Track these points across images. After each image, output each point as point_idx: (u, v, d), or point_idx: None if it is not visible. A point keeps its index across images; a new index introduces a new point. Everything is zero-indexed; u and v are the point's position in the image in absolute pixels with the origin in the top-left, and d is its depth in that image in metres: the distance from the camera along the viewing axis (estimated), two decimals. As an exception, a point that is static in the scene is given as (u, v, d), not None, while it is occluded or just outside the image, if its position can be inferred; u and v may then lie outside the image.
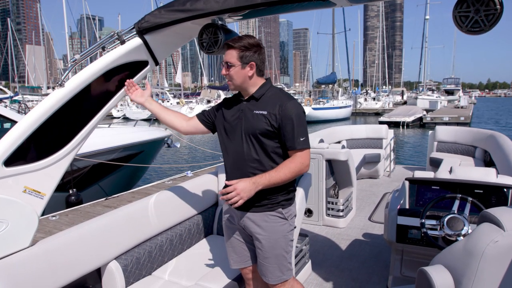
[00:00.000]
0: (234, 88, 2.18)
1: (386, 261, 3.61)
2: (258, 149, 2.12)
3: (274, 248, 2.18)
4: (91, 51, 2.27)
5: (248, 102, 2.18)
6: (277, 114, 2.07)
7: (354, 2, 2.09)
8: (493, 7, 1.63)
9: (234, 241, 2.35)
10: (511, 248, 1.32)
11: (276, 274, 2.20)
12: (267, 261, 2.20)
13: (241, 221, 2.25)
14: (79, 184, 7.15)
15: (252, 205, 2.16)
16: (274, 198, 2.17)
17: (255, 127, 2.10)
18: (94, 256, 2.36)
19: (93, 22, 59.04)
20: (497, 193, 2.55)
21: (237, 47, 2.07)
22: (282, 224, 2.20)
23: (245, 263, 2.36)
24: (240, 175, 2.14)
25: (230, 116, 2.22)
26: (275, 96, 2.14)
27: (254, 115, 2.12)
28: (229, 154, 2.22)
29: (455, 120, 26.26)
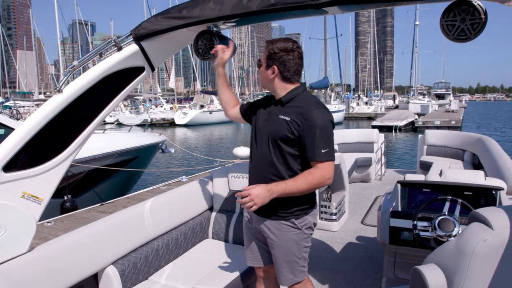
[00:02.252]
0: (263, 87, 2.24)
1: (380, 263, 3.67)
2: (277, 155, 2.12)
3: (286, 254, 2.21)
4: (89, 57, 2.31)
5: (276, 106, 2.20)
6: (299, 122, 2.04)
7: (346, 10, 2.15)
8: (478, 17, 1.70)
9: (251, 240, 2.42)
10: (500, 246, 1.37)
11: (289, 277, 2.25)
12: (280, 266, 2.25)
13: (257, 224, 2.30)
14: (74, 190, 7.13)
15: (266, 212, 2.18)
16: (287, 208, 2.16)
17: (277, 132, 2.10)
18: (91, 261, 2.38)
19: (85, 27, 58.81)
20: (485, 195, 2.61)
21: (268, 48, 2.12)
22: (295, 233, 2.19)
23: (258, 262, 2.42)
24: (258, 179, 2.15)
25: (260, 117, 2.26)
26: (302, 103, 2.10)
27: (278, 119, 2.12)
28: (252, 156, 2.27)
29: (446, 124, 26.51)
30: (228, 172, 3.41)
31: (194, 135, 29.78)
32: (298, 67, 2.15)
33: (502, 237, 1.37)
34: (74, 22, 60.36)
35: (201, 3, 2.17)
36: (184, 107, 41.40)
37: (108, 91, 2.35)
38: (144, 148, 8.79)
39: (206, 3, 2.16)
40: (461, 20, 1.74)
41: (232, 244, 3.24)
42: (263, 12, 2.03)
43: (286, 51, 2.08)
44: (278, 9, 1.99)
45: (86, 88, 2.22)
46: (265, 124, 2.19)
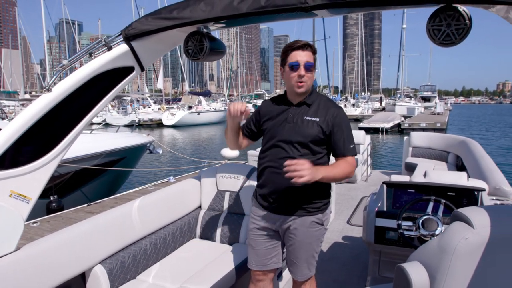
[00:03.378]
0: (305, 90, 2.18)
1: (365, 262, 3.72)
2: (304, 155, 2.15)
3: (307, 250, 2.29)
4: (78, 56, 2.31)
5: (299, 107, 2.21)
6: (329, 121, 2.16)
7: (335, 14, 2.19)
8: (463, 22, 1.75)
9: (260, 244, 2.35)
10: (481, 245, 1.42)
11: (305, 273, 2.34)
12: (298, 261, 2.31)
13: (277, 225, 2.29)
14: (61, 190, 7.06)
15: (295, 209, 2.23)
16: (315, 203, 2.24)
17: (306, 133, 2.15)
18: (78, 261, 2.37)
19: (72, 26, 58.09)
20: (468, 195, 2.69)
21: (314, 50, 2.17)
22: (318, 229, 2.29)
23: (266, 266, 2.37)
24: (285, 180, 2.11)
25: (276, 119, 2.24)
26: (325, 104, 2.22)
27: (305, 121, 2.16)
28: (274, 157, 2.22)
29: (432, 126, 26.89)
30: (216, 172, 3.43)
31: (182, 136, 29.66)
32: None
33: (482, 236, 1.41)
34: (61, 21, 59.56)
35: (191, 5, 2.19)
36: (172, 108, 41.17)
37: (97, 91, 2.35)
38: (132, 148, 8.75)
39: (196, 5, 2.17)
40: (446, 25, 1.79)
41: (220, 243, 3.26)
42: (253, 14, 2.06)
43: None
44: (268, 11, 2.01)
45: (75, 87, 2.22)
46: (289, 126, 2.20)
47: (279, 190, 2.22)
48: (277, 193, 2.24)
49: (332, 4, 1.87)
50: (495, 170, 3.95)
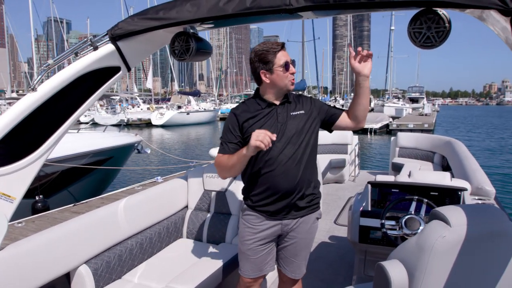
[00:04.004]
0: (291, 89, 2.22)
1: (351, 262, 3.76)
2: (307, 149, 2.20)
3: (307, 246, 2.37)
4: (64, 56, 2.30)
5: (282, 105, 2.23)
6: (312, 107, 2.27)
7: (320, 15, 2.22)
8: (442, 25, 1.80)
9: (258, 253, 2.27)
10: (458, 242, 1.46)
11: (302, 269, 2.40)
12: (298, 259, 2.35)
13: (285, 229, 2.26)
14: (47, 190, 6.99)
15: (302, 209, 2.25)
16: (315, 199, 2.32)
17: (300, 127, 2.19)
18: (63, 261, 2.37)
19: (61, 25, 57.40)
20: (450, 195, 2.74)
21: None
22: (316, 224, 2.39)
23: (262, 272, 2.33)
24: (294, 179, 2.14)
25: (262, 122, 2.18)
26: (298, 97, 2.32)
27: (293, 116, 2.21)
28: (270, 160, 2.14)
29: (420, 127, 27.19)
30: (203, 172, 3.44)
31: (171, 135, 29.52)
32: None
33: (459, 234, 1.45)
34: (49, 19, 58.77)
35: (178, 5, 2.19)
36: (161, 107, 40.96)
37: (83, 90, 2.34)
38: (119, 148, 8.69)
39: (183, 5, 2.18)
40: (427, 28, 1.83)
41: (206, 243, 3.27)
42: (239, 15, 2.07)
43: None
44: (254, 12, 2.03)
45: (60, 87, 2.21)
46: (279, 125, 2.17)
47: (286, 194, 2.16)
48: (283, 198, 2.17)
49: (316, 6, 1.89)
50: (478, 170, 4.02)
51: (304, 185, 2.20)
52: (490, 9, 1.54)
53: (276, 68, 2.15)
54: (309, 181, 2.23)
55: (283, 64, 2.13)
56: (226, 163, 2.16)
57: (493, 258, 1.52)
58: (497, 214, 1.55)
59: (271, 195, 2.18)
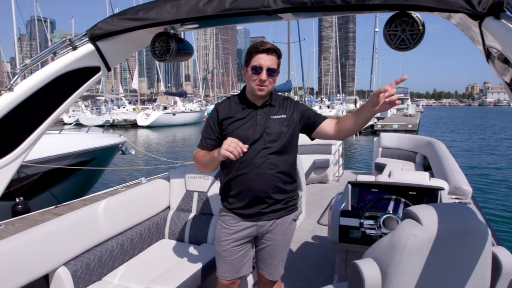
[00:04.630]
0: (265, 94, 2.17)
1: (333, 262, 3.80)
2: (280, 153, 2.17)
3: (284, 248, 2.37)
4: (42, 56, 2.27)
5: (263, 108, 2.22)
6: (295, 112, 2.25)
7: (300, 17, 2.25)
8: (416, 28, 1.85)
9: (234, 254, 2.27)
10: (429, 241, 1.50)
11: (280, 271, 2.40)
12: (275, 260, 2.35)
13: (260, 230, 2.26)
14: (28, 192, 6.88)
15: (277, 211, 2.26)
16: (292, 201, 2.32)
17: (279, 132, 2.18)
18: (41, 262, 2.34)
19: (44, 24, 56.48)
20: (428, 195, 2.79)
21: (278, 53, 2.17)
22: (294, 226, 2.40)
23: (239, 273, 2.32)
24: (262, 181, 2.15)
25: (240, 123, 2.18)
26: (283, 100, 2.30)
27: (273, 120, 2.20)
28: (246, 161, 2.14)
29: (404, 127, 27.54)
30: (185, 173, 3.44)
31: (157, 136, 29.32)
32: None
33: (430, 232, 1.49)
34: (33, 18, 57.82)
35: (157, 6, 2.19)
36: (147, 108, 40.65)
37: (62, 91, 2.32)
38: (103, 149, 8.61)
39: (162, 6, 2.18)
40: (401, 31, 1.88)
41: (188, 243, 3.27)
42: (219, 16, 2.08)
43: None
44: (233, 14, 2.05)
45: (38, 87, 2.18)
46: (258, 128, 2.17)
47: (261, 196, 2.17)
48: (258, 200, 2.18)
49: (293, 8, 1.92)
50: (457, 170, 4.10)
51: (279, 188, 2.20)
52: (459, 12, 1.58)
53: (249, 68, 2.16)
54: (285, 184, 2.22)
55: (253, 66, 2.12)
56: (201, 159, 2.20)
57: (464, 255, 1.56)
58: (467, 212, 1.59)
59: (246, 197, 2.19)
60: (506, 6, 1.43)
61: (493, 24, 1.46)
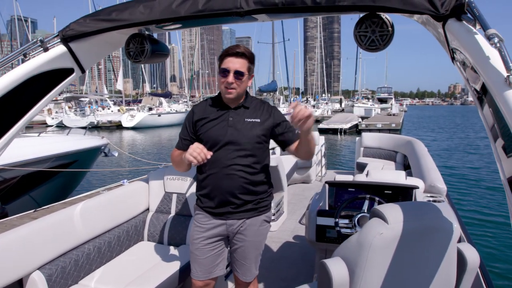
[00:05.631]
0: (233, 97, 2.18)
1: (313, 261, 3.83)
2: (249, 156, 2.19)
3: (256, 249, 2.36)
4: (11, 57, 2.23)
5: (236, 110, 2.24)
6: (271, 119, 2.25)
7: (274, 18, 2.26)
8: (386, 29, 1.88)
9: (206, 253, 2.29)
10: (394, 239, 1.53)
11: (253, 272, 2.39)
12: (247, 261, 2.34)
13: (229, 229, 2.27)
14: (6, 196, 6.75)
15: (245, 210, 2.26)
16: (263, 201, 2.31)
17: (250, 135, 2.19)
18: (15, 267, 2.31)
19: (25, 24, 55.52)
20: (404, 193, 2.83)
21: (248, 56, 2.17)
22: (266, 227, 2.38)
23: (212, 274, 2.33)
24: (230, 182, 2.18)
25: (213, 123, 2.22)
26: (260, 105, 2.30)
27: (246, 123, 2.21)
28: (216, 161, 2.17)
29: (387, 127, 27.87)
30: (164, 174, 3.42)
31: (142, 138, 29.06)
32: None
33: (396, 230, 1.52)
34: (13, 18, 56.78)
35: (131, 7, 2.18)
36: (132, 109, 40.26)
37: (33, 93, 2.28)
38: (84, 151, 8.48)
39: (136, 7, 2.17)
40: (371, 32, 1.91)
41: (167, 245, 3.26)
42: (192, 17, 2.08)
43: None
44: (206, 15, 2.05)
45: (8, 89, 2.14)
46: (229, 129, 2.19)
47: (229, 196, 2.21)
48: (226, 199, 2.21)
49: (266, 9, 1.93)
50: (433, 168, 4.18)
51: (247, 190, 2.22)
52: (423, 14, 1.61)
53: (219, 71, 2.20)
54: (253, 186, 2.24)
55: (221, 69, 2.16)
56: (175, 158, 2.32)
57: (429, 252, 1.60)
58: (433, 210, 1.63)
59: (215, 196, 2.23)
60: (467, 8, 1.46)
61: (455, 25, 1.50)
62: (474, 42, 1.34)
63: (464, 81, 1.55)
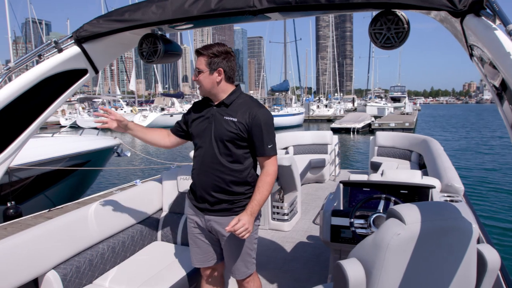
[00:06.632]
0: (203, 94, 2.29)
1: (327, 261, 3.79)
2: (223, 154, 2.23)
3: (241, 247, 2.33)
4: (26, 59, 2.25)
5: (219, 107, 2.27)
6: (247, 121, 2.20)
7: (287, 17, 2.24)
8: (401, 26, 1.84)
9: (198, 242, 2.44)
10: (412, 239, 1.50)
11: (242, 270, 2.37)
12: (234, 260, 2.34)
13: (208, 224, 2.35)
14: (21, 196, 6.84)
15: (219, 209, 2.29)
16: (239, 202, 2.29)
17: (223, 132, 2.21)
18: (30, 266, 2.32)
19: (40, 26, 56.39)
20: (419, 193, 2.78)
21: (205, 53, 2.21)
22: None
23: (208, 262, 2.47)
24: (205, 178, 2.27)
25: (200, 120, 2.32)
26: (245, 104, 2.26)
27: (224, 120, 2.23)
28: (197, 156, 2.32)
29: (401, 126, 27.60)
30: (177, 174, 3.42)
31: (154, 138, 29.18)
32: (235, 69, 2.35)
33: (413, 231, 1.49)
34: (28, 20, 57.72)
35: (143, 7, 2.18)
36: (145, 110, 40.62)
37: (48, 93, 2.29)
38: (97, 151, 8.56)
39: (148, 7, 2.16)
40: (387, 29, 1.87)
41: (181, 245, 3.25)
42: (204, 17, 2.07)
43: (227, 53, 2.25)
44: (219, 14, 2.03)
45: (22, 90, 2.15)
46: (208, 126, 2.27)
47: (203, 192, 2.30)
48: (202, 195, 2.32)
49: (279, 7, 1.91)
50: (449, 167, 4.09)
51: (221, 188, 2.26)
52: (441, 10, 1.57)
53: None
54: (228, 185, 2.25)
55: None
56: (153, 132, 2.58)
57: (448, 253, 1.56)
58: (451, 210, 1.59)
59: (196, 191, 2.36)
60: (486, 3, 1.42)
61: (474, 21, 1.46)
62: (493, 37, 1.31)
63: (482, 78, 1.50)
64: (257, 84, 28.54)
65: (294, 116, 36.90)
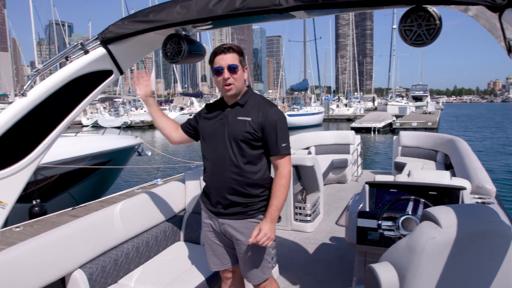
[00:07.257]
0: (234, 92, 2.21)
1: (350, 263, 3.72)
2: (238, 155, 2.19)
3: (256, 252, 2.28)
4: (54, 61, 2.27)
5: (233, 108, 2.25)
6: (260, 121, 2.17)
7: (313, 15, 2.19)
8: (433, 22, 1.76)
9: (213, 246, 2.42)
10: (448, 243, 1.43)
11: (258, 275, 2.33)
12: (249, 265, 2.30)
13: (222, 228, 2.32)
14: (46, 194, 6.99)
15: (233, 213, 2.25)
16: (254, 205, 2.25)
17: (238, 133, 2.18)
18: (57, 265, 2.35)
19: (63, 28, 57.67)
20: (449, 194, 2.69)
21: (238, 50, 2.21)
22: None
23: (225, 265, 2.45)
24: (219, 180, 2.23)
25: (212, 121, 2.30)
26: (258, 103, 2.24)
27: (237, 121, 2.20)
28: (209, 158, 2.28)
29: (423, 125, 27.07)
30: (200, 175, 3.41)
31: (174, 137, 29.47)
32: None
33: (449, 235, 1.43)
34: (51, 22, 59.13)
35: (167, 7, 2.17)
36: (164, 109, 41.05)
37: (75, 94, 2.32)
38: (118, 151, 8.68)
39: (172, 7, 2.16)
40: (417, 26, 1.80)
41: (203, 246, 3.24)
42: (229, 16, 2.04)
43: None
44: (243, 13, 2.00)
45: (51, 91, 2.18)
46: (220, 126, 2.24)
47: (217, 195, 2.26)
48: (216, 198, 2.28)
49: (305, 5, 1.86)
50: (479, 168, 3.95)
51: (235, 191, 2.21)
52: (478, 5, 1.50)
53: (213, 73, 2.23)
54: (243, 188, 2.21)
55: (214, 69, 2.20)
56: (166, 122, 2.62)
57: (486, 257, 1.49)
58: (489, 213, 1.52)
59: (209, 193, 2.32)
60: None
61: None
62: None
63: None
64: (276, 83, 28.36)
65: (314, 115, 36.67)
